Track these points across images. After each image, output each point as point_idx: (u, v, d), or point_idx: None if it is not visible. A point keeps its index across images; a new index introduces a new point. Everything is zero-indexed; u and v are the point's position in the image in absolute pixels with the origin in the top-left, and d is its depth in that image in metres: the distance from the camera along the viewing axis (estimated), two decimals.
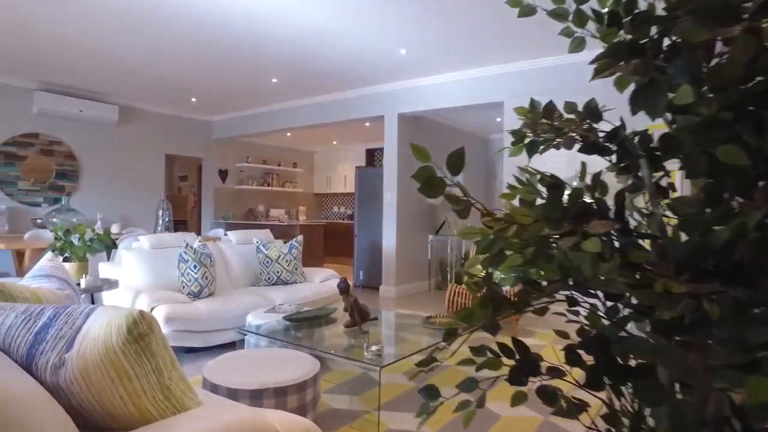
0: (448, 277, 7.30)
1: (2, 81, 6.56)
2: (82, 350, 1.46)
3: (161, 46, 5.15)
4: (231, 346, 4.02)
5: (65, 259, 3.43)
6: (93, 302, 5.11)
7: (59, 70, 6.16)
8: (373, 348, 2.68)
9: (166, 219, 6.18)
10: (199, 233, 9.78)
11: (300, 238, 4.91)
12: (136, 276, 3.97)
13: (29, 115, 6.85)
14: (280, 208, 10.86)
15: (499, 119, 7.94)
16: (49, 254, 2.40)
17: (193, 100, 7.70)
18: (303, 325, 3.39)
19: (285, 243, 5.03)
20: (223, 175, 9.52)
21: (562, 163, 5.24)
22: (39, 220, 6.73)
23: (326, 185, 11.42)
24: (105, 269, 4.09)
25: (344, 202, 11.53)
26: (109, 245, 3.51)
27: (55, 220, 6.04)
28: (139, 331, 1.42)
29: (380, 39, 4.88)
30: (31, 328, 1.51)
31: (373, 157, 10.76)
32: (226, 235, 5.14)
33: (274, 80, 6.42)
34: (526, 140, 1.12)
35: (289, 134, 9.50)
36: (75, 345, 1.49)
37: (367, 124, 8.24)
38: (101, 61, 5.70)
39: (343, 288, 3.17)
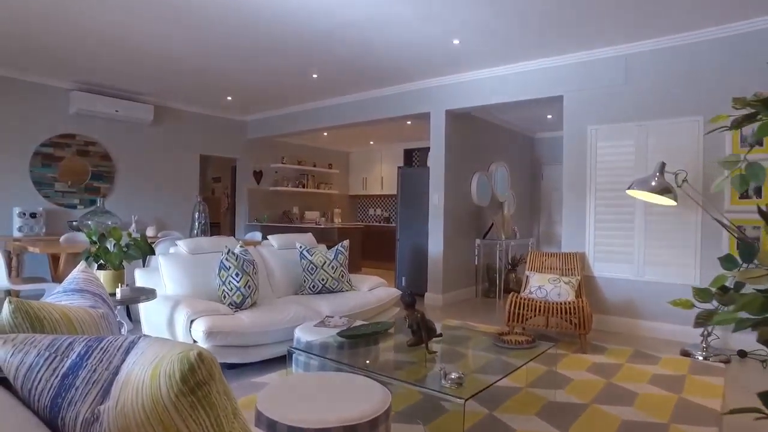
0: (497, 283, 6.83)
1: (41, 81, 6.42)
2: (121, 402, 1.09)
3: (199, 41, 4.87)
4: (276, 362, 3.67)
5: (100, 267, 3.13)
6: (128, 313, 4.85)
7: (96, 70, 5.97)
8: (453, 375, 2.28)
9: (202, 221, 5.91)
10: (233, 236, 9.55)
11: (346, 243, 4.55)
12: (174, 284, 3.66)
13: (66, 116, 6.69)
14: (315, 210, 10.56)
15: (550, 116, 7.45)
16: (82, 264, 2.07)
17: (229, 98, 7.44)
18: (359, 342, 3.01)
19: (328, 248, 4.67)
20: (257, 176, 9.26)
21: (630, 153, 4.75)
22: (74, 222, 6.56)
23: (362, 187, 11.07)
24: (140, 276, 3.80)
25: (381, 204, 11.15)
26: (146, 251, 3.20)
27: (90, 222, 5.84)
28: (197, 379, 1.05)
29: (434, 28, 4.48)
30: (58, 369, 1.16)
31: (412, 157, 10.36)
32: (266, 239, 4.81)
33: (315, 76, 6.09)
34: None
35: (325, 134, 9.19)
36: (112, 394, 1.13)
37: (409, 122, 7.85)
38: (137, 59, 5.47)
39: (409, 302, 2.78)
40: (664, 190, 3.91)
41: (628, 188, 4.13)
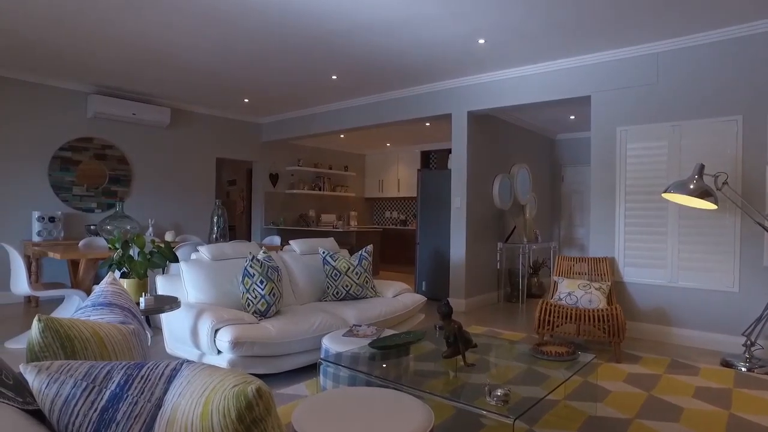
0: (519, 287, 6.68)
1: (59, 85, 6.40)
2: None
3: (217, 44, 4.79)
4: (302, 372, 3.56)
5: (123, 275, 3.05)
6: (148, 320, 4.77)
7: (113, 74, 5.92)
8: (498, 392, 2.15)
9: (221, 226, 5.83)
10: (249, 239, 9.49)
11: (369, 248, 4.43)
12: (197, 292, 3.57)
13: (84, 119, 6.67)
14: (331, 213, 10.46)
15: (572, 117, 7.28)
16: (109, 276, 1.98)
17: (246, 100, 7.37)
18: (391, 353, 2.89)
19: (350, 253, 4.56)
20: (273, 179, 9.19)
21: (663, 155, 4.58)
22: (93, 227, 6.52)
23: (378, 189, 10.95)
24: (162, 283, 3.71)
25: (398, 206, 11.03)
26: (170, 259, 3.11)
27: (109, 227, 5.78)
28: (253, 416, 0.93)
29: (460, 27, 4.35)
30: (96, 402, 1.05)
31: (429, 159, 10.23)
32: (288, 244, 4.71)
33: (334, 77, 5.98)
34: None
35: (342, 136, 9.09)
36: (156, 430, 1.02)
37: (428, 123, 7.73)
38: (154, 63, 5.41)
39: (446, 312, 2.66)
40: (703, 193, 3.75)
41: (665, 191, 3.96)
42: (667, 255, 4.57)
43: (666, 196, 4.03)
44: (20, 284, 4.28)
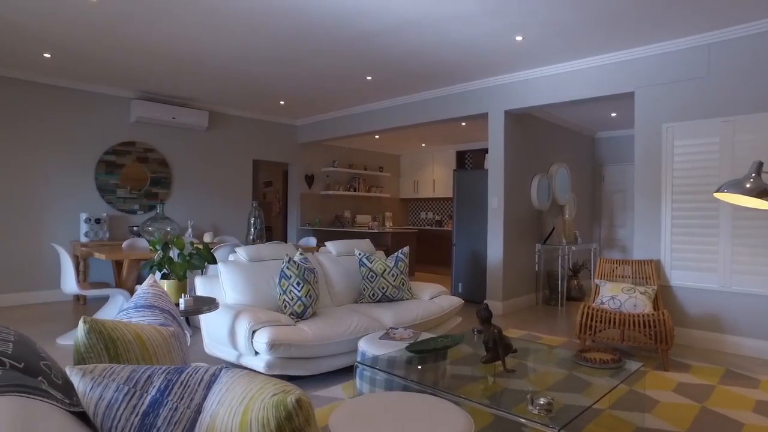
0: (558, 290, 6.50)
1: (104, 92, 6.63)
2: None
3: (253, 48, 4.84)
4: (338, 374, 3.55)
5: (164, 276, 3.11)
6: (187, 320, 4.87)
7: (154, 79, 6.09)
8: (541, 401, 2.07)
9: (258, 227, 5.90)
10: (285, 240, 9.60)
11: (406, 249, 4.38)
12: (235, 293, 3.61)
13: (127, 124, 6.88)
14: (366, 214, 10.47)
15: (614, 114, 7.05)
16: (150, 278, 2.01)
17: (282, 103, 7.45)
18: (428, 357, 2.84)
19: (386, 254, 4.53)
20: (309, 180, 9.26)
21: (714, 152, 4.36)
22: (135, 228, 6.72)
23: (413, 190, 10.90)
24: (200, 284, 3.77)
25: (433, 207, 10.95)
26: (209, 260, 3.15)
27: (150, 228, 5.94)
28: (293, 426, 0.90)
29: (497, 24, 4.26)
30: (137, 407, 1.04)
31: (464, 159, 10.10)
32: (323, 245, 4.72)
33: (369, 78, 5.97)
34: None
35: (377, 137, 9.08)
36: None
37: (464, 123, 7.63)
38: (193, 67, 5.52)
39: (485, 317, 2.59)
40: (762, 192, 3.52)
41: (717, 191, 3.75)
42: (720, 258, 4.34)
43: (718, 195, 3.81)
44: (69, 283, 4.44)
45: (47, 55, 5.32)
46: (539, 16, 4.10)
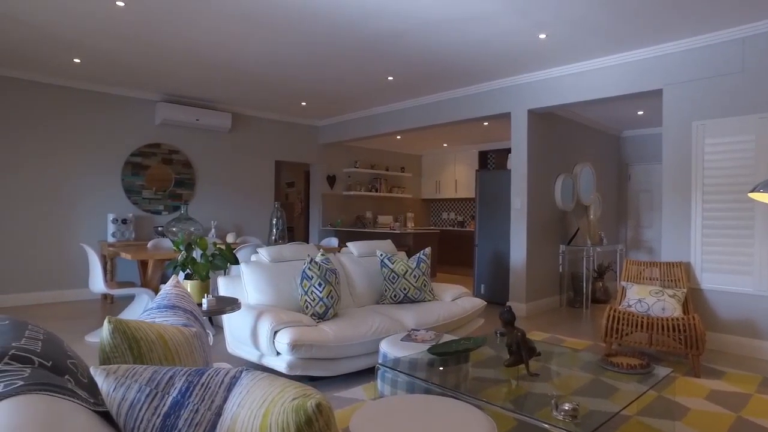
0: (583, 292, 6.38)
1: (131, 95, 6.76)
2: None
3: (275, 50, 4.87)
4: (359, 375, 3.54)
5: (187, 276, 3.14)
6: (211, 319, 4.92)
7: (178, 82, 6.19)
8: (566, 406, 2.02)
9: (280, 227, 5.93)
10: (307, 241, 9.65)
11: (428, 251, 4.35)
12: (257, 293, 3.63)
13: (152, 126, 7.01)
14: (388, 214, 10.46)
15: (641, 112, 6.89)
16: (173, 279, 2.02)
17: (303, 104, 7.49)
18: (449, 360, 2.80)
19: (408, 255, 4.50)
20: (330, 180, 9.30)
21: (749, 150, 4.21)
22: (160, 228, 6.83)
23: (435, 190, 10.84)
24: (223, 284, 3.80)
25: (455, 207, 10.87)
26: (231, 261, 3.17)
27: (174, 228, 6.03)
28: (313, 431, 0.89)
29: (520, 22, 4.19)
30: (159, 408, 1.04)
31: (487, 159, 10.00)
32: (346, 246, 4.71)
33: (390, 78, 5.95)
34: None
35: (398, 137, 9.06)
36: None
37: (486, 123, 7.55)
38: (216, 69, 5.59)
39: (508, 319, 2.54)
40: None
41: (752, 191, 3.62)
42: (755, 260, 4.19)
43: (754, 195, 3.68)
44: (97, 282, 4.54)
45: (77, 61, 5.45)
46: (564, 13, 4.02)
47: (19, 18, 4.25)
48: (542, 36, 4.54)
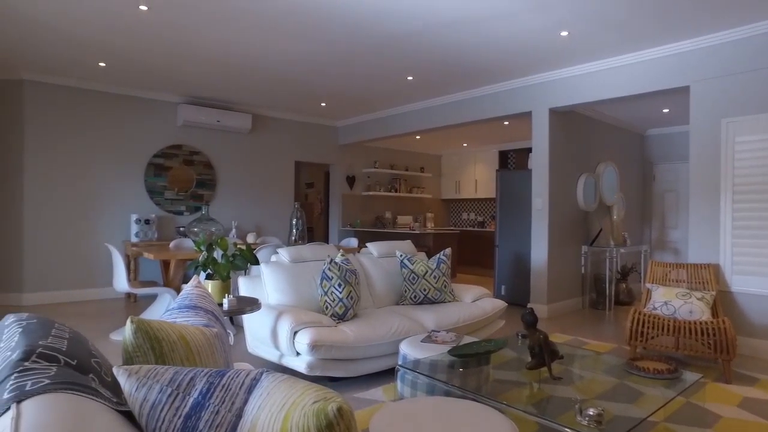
0: (606, 294, 6.26)
1: (154, 97, 6.87)
2: None
3: (294, 49, 4.89)
4: (380, 376, 3.53)
5: (208, 276, 3.16)
6: (231, 319, 4.96)
7: (201, 84, 6.26)
8: (591, 411, 1.97)
9: (300, 228, 5.96)
10: (326, 241, 9.69)
11: (448, 251, 4.32)
12: (277, 293, 3.64)
13: (174, 127, 7.11)
14: (407, 215, 10.43)
15: (666, 110, 6.73)
16: (194, 279, 2.04)
17: (323, 104, 7.51)
18: (470, 362, 2.77)
19: (428, 256, 4.47)
20: (350, 181, 9.31)
21: None
22: (182, 228, 6.93)
23: (455, 190, 10.78)
24: (243, 284, 3.82)
25: (475, 208, 10.79)
26: (251, 261, 3.19)
27: (195, 229, 6.11)
28: None
29: (541, 20, 4.13)
30: (180, 409, 1.04)
31: (507, 159, 9.91)
32: (365, 246, 4.71)
33: (410, 78, 5.93)
34: None
35: (418, 137, 9.03)
36: None
37: (506, 122, 7.48)
38: (237, 71, 5.64)
39: (530, 321, 2.50)
40: None
41: None
42: None
43: None
44: (121, 282, 4.61)
45: (102, 64, 5.55)
46: (587, 9, 3.95)
47: (49, 23, 4.35)
48: (564, 33, 4.47)
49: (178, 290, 4.99)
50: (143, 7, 3.98)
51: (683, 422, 2.82)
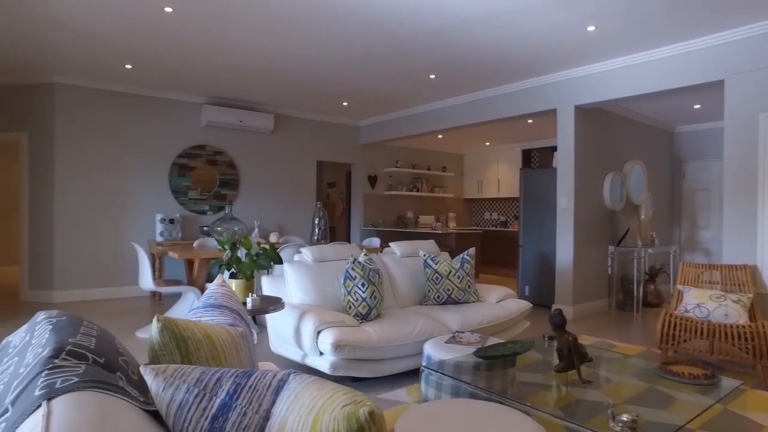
0: (633, 295, 6.11)
1: (178, 98, 6.96)
2: None
3: (316, 49, 4.89)
4: (403, 376, 3.49)
5: (232, 276, 3.17)
6: (254, 318, 4.99)
7: (224, 84, 6.31)
8: (624, 417, 1.90)
9: (322, 227, 5.96)
10: (348, 240, 9.69)
11: (472, 251, 4.26)
12: (300, 293, 3.64)
13: (198, 128, 7.19)
14: (429, 214, 10.37)
15: (697, 106, 6.54)
16: (219, 278, 2.04)
17: (345, 104, 7.51)
18: (496, 363, 2.72)
19: (451, 255, 4.41)
20: (372, 180, 9.29)
21: None
22: (205, 228, 7.00)
23: (477, 190, 10.67)
24: (267, 283, 3.83)
25: (498, 207, 10.67)
26: (275, 260, 3.18)
27: (219, 228, 6.17)
28: None
29: (567, 15, 4.04)
30: (207, 410, 1.02)
31: (531, 158, 9.76)
32: (388, 246, 4.68)
33: (432, 76, 5.88)
34: None
35: (440, 136, 8.96)
36: None
37: (530, 120, 7.36)
38: (259, 71, 5.66)
39: (559, 323, 2.44)
40: None
41: None
42: None
43: None
44: (146, 280, 4.68)
45: (128, 67, 5.64)
46: (615, 3, 3.84)
47: (76, 28, 4.43)
48: (591, 28, 4.36)
49: (201, 289, 5.03)
50: (168, 9, 4.02)
51: (721, 431, 2.72)
